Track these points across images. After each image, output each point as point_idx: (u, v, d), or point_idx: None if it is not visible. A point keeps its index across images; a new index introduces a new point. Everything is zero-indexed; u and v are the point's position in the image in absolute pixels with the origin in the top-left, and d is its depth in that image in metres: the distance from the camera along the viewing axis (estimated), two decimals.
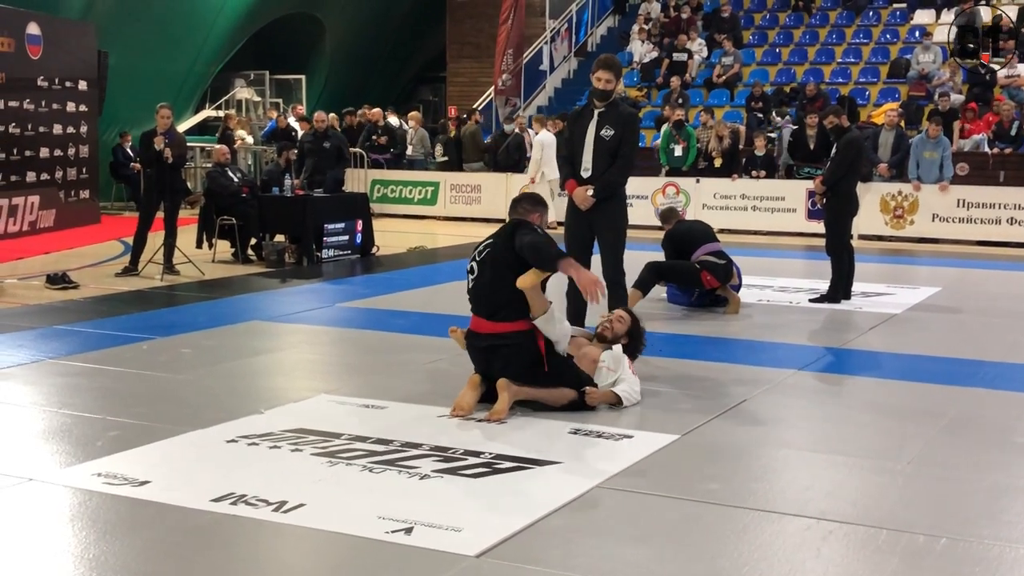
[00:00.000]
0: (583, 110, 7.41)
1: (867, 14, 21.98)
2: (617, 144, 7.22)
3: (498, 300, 5.85)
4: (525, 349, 5.82)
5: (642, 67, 21.81)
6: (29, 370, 6.86)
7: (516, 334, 5.83)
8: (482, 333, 5.92)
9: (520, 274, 5.70)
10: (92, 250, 14.03)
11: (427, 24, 27.63)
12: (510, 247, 5.82)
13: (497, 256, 5.89)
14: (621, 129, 7.23)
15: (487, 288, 5.90)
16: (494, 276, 5.85)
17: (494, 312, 5.87)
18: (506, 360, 5.82)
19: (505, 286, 5.76)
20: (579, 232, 7.39)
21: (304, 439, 5.28)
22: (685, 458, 5.14)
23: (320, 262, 12.61)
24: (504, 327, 5.84)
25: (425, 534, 4.05)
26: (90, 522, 4.20)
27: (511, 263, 5.78)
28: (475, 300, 6.01)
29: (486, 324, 5.90)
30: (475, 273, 5.98)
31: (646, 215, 17.22)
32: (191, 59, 21.76)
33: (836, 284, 9.81)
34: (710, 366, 7.25)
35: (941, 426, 5.78)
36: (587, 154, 7.24)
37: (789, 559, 3.92)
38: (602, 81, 7.15)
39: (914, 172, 15.82)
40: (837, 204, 9.74)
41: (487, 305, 5.91)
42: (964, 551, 4.02)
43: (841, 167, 9.61)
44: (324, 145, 14.10)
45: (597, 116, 7.23)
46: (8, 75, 15.48)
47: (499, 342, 5.83)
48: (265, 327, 8.61)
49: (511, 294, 5.76)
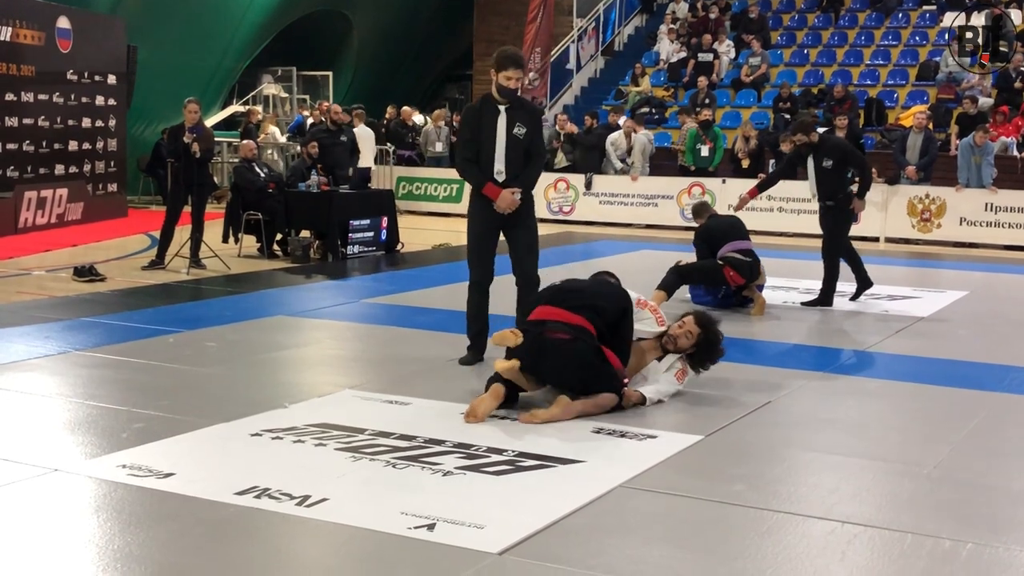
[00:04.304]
0: (483, 108, 6.85)
1: (896, 16, 21.83)
2: (529, 142, 6.91)
3: (584, 301, 5.94)
4: (584, 349, 5.76)
5: (669, 67, 21.75)
6: (56, 361, 6.89)
7: (583, 330, 5.81)
8: (549, 320, 5.84)
9: (607, 326, 5.93)
10: (119, 243, 14.11)
11: (454, 22, 27.64)
12: (622, 307, 6.06)
13: (604, 288, 6.23)
14: (532, 126, 6.92)
15: (583, 293, 6.04)
16: (594, 290, 6.12)
17: (575, 308, 5.89)
18: (560, 358, 5.74)
19: (599, 301, 5.98)
20: (491, 239, 6.91)
21: (328, 434, 5.29)
22: (709, 459, 5.12)
23: (345, 258, 12.63)
24: (576, 319, 5.83)
25: (448, 531, 4.04)
26: (114, 513, 4.22)
27: (612, 307, 6.02)
28: (556, 294, 6.05)
29: (557, 312, 5.87)
30: (559, 283, 6.18)
31: (672, 216, 17.23)
32: (219, 54, 21.84)
33: (828, 288, 9.72)
34: (735, 367, 7.21)
35: (968, 431, 5.74)
36: (499, 154, 6.78)
37: (813, 562, 3.90)
38: (512, 80, 6.78)
39: (964, 177, 15.76)
40: (838, 209, 9.63)
41: (571, 302, 5.93)
42: (991, 557, 3.98)
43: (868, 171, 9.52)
44: (340, 139, 14.12)
45: (506, 114, 6.79)
46: (38, 69, 15.61)
47: (565, 334, 5.76)
48: (290, 322, 8.63)
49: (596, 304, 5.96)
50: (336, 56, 26.57)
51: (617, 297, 6.15)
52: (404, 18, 26.80)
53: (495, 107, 6.80)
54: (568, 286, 6.17)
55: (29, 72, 15.46)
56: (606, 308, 5.98)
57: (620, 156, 17.87)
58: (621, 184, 17.77)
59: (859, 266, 9.88)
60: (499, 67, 6.74)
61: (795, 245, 15.36)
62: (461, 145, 7.07)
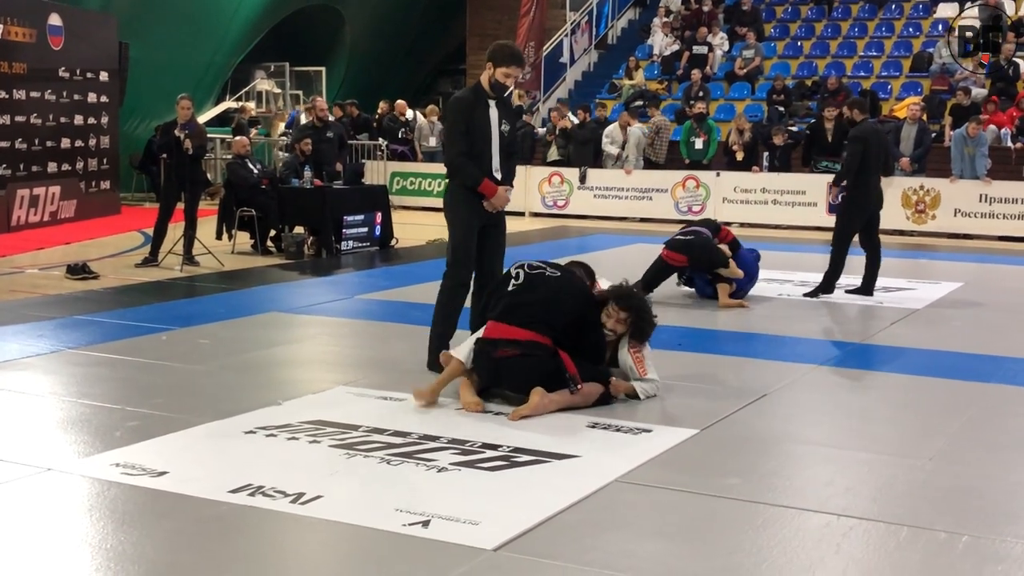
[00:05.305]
0: (475, 101, 6.50)
1: (889, 7, 21.82)
2: (512, 140, 6.78)
3: (534, 315, 5.79)
4: (536, 362, 5.71)
5: (662, 60, 21.74)
6: (49, 360, 6.87)
7: (533, 344, 5.73)
8: (499, 340, 5.76)
9: (566, 336, 5.79)
10: (112, 241, 14.08)
11: (447, 16, 27.60)
12: (578, 312, 5.90)
13: (561, 295, 5.93)
14: (512, 123, 6.79)
15: (533, 306, 5.83)
16: (546, 301, 5.86)
17: (525, 324, 5.77)
18: (516, 374, 5.72)
19: (552, 315, 5.81)
20: (476, 238, 6.60)
21: (322, 431, 5.28)
22: (704, 453, 5.12)
23: (339, 254, 12.62)
24: (526, 334, 5.73)
25: (442, 527, 4.03)
26: (108, 512, 4.20)
27: (567, 319, 5.85)
28: (507, 308, 5.87)
29: (507, 329, 5.77)
30: (519, 281, 5.94)
31: (666, 209, 17.22)
32: (212, 51, 21.79)
33: (831, 275, 9.73)
34: (730, 360, 7.22)
35: (963, 422, 5.74)
36: (495, 152, 6.53)
37: (809, 555, 3.89)
38: (511, 78, 6.53)
39: (958, 168, 15.79)
40: (847, 197, 9.67)
41: (521, 317, 5.80)
42: (986, 548, 3.98)
43: (853, 161, 9.51)
44: (327, 135, 14.07)
45: (497, 110, 6.56)
46: (29, 66, 15.56)
47: (514, 350, 5.69)
48: (284, 318, 8.62)
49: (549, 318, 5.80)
50: (329, 51, 26.51)
51: (574, 302, 5.96)
52: (397, 13, 26.75)
53: (486, 101, 6.54)
54: (519, 298, 5.89)
55: (21, 69, 15.41)
56: (560, 319, 5.84)
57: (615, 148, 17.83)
58: (615, 178, 17.76)
59: (874, 271, 9.84)
60: (500, 62, 6.41)
61: (789, 238, 15.38)
62: (455, 138, 6.53)
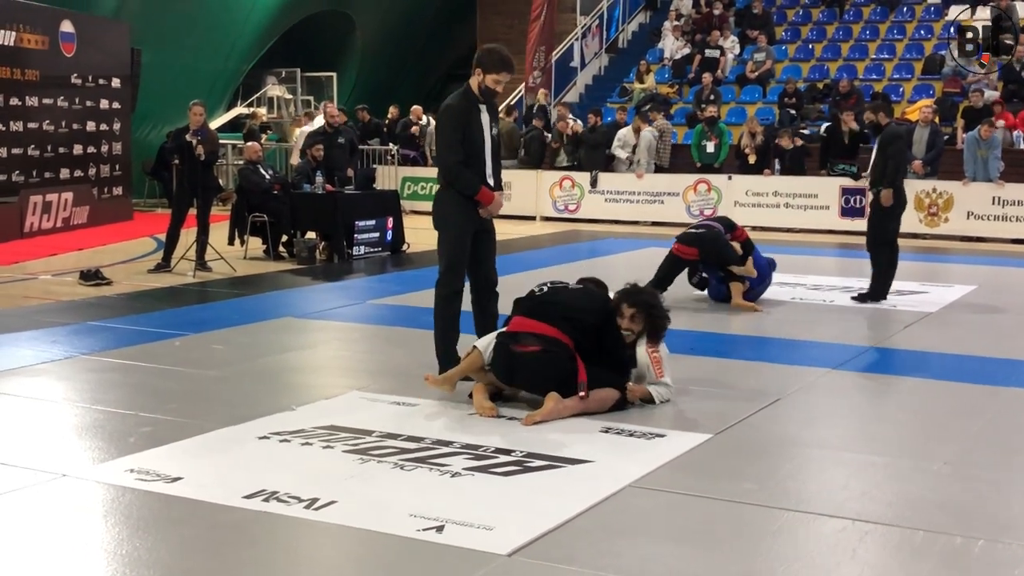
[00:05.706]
0: (470, 107, 6.46)
1: (901, 10, 21.76)
2: (499, 143, 6.82)
3: (559, 314, 5.84)
4: (554, 358, 5.72)
5: (674, 63, 21.71)
6: (62, 366, 6.89)
7: (555, 340, 5.76)
8: (521, 333, 5.80)
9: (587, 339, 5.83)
10: (125, 247, 14.11)
11: (457, 21, 27.62)
12: (600, 319, 5.93)
13: (583, 302, 6.01)
14: (498, 127, 6.78)
15: (558, 306, 5.90)
16: (571, 305, 5.93)
17: (550, 319, 5.81)
18: (530, 370, 5.75)
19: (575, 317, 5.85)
20: (468, 245, 6.60)
21: (335, 436, 5.28)
22: (718, 457, 5.10)
23: (351, 259, 12.63)
24: (550, 330, 5.77)
25: (456, 532, 4.03)
26: (123, 518, 4.21)
27: (590, 321, 5.89)
28: (533, 306, 5.94)
29: (532, 324, 5.81)
30: (544, 291, 6.05)
31: (678, 213, 17.18)
32: (223, 57, 21.85)
33: (879, 281, 9.65)
34: (743, 364, 7.20)
35: (978, 426, 5.71)
36: (488, 158, 6.50)
37: (824, 560, 3.88)
38: (501, 84, 6.53)
39: (970, 171, 15.74)
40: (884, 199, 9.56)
41: (546, 315, 5.84)
42: (1002, 553, 3.96)
43: (899, 162, 9.43)
44: (338, 141, 14.10)
45: (487, 115, 6.53)
46: (42, 73, 15.63)
47: (535, 346, 5.72)
48: (296, 324, 8.63)
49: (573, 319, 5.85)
50: (340, 57, 26.57)
51: (595, 309, 6.01)
52: (407, 18, 26.79)
53: (478, 107, 6.48)
54: (545, 297, 6.01)
55: (33, 76, 15.49)
56: (583, 320, 5.88)
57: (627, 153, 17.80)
58: (627, 182, 17.74)
59: (889, 276, 9.76)
60: (490, 68, 6.38)
61: (801, 241, 15.34)
62: (452, 146, 6.46)
